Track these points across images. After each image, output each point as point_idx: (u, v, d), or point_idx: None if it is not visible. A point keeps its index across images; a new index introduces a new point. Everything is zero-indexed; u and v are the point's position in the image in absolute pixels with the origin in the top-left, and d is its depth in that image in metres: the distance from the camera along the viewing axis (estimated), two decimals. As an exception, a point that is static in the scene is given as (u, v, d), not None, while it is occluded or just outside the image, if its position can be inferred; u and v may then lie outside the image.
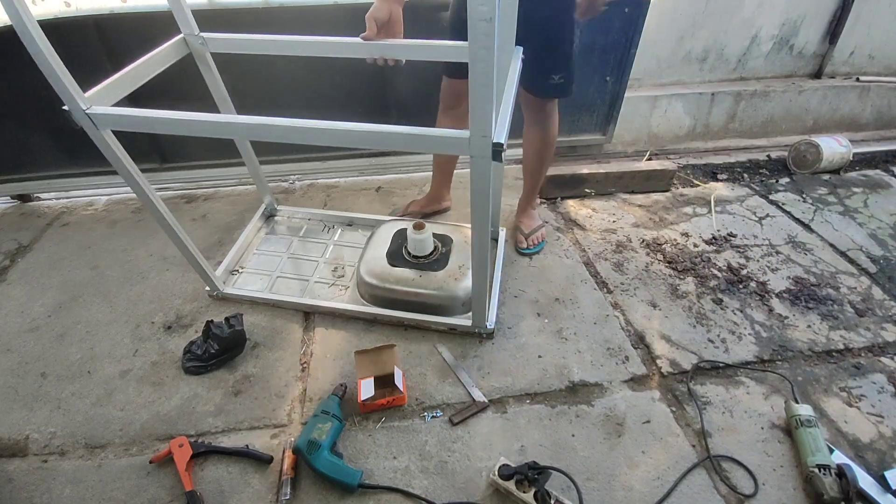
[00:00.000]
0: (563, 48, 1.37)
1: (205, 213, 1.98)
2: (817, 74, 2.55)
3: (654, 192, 2.15)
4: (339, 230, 1.82)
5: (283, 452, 1.12)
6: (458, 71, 1.49)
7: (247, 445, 1.14)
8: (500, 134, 0.91)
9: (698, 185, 2.21)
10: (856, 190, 2.19)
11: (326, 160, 2.17)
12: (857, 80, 2.56)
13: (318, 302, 1.49)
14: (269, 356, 1.38)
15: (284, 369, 1.34)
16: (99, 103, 1.05)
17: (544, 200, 2.08)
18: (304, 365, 1.36)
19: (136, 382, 1.31)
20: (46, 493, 1.07)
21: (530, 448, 1.16)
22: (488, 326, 1.39)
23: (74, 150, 1.99)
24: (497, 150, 0.91)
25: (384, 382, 1.23)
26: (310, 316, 1.50)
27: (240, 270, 1.64)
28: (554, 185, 2.08)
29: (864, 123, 2.66)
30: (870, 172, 2.34)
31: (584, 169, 2.10)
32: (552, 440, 1.18)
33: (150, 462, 1.11)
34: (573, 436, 1.19)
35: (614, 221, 1.95)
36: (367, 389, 1.20)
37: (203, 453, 1.12)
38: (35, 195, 2.14)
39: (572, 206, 2.05)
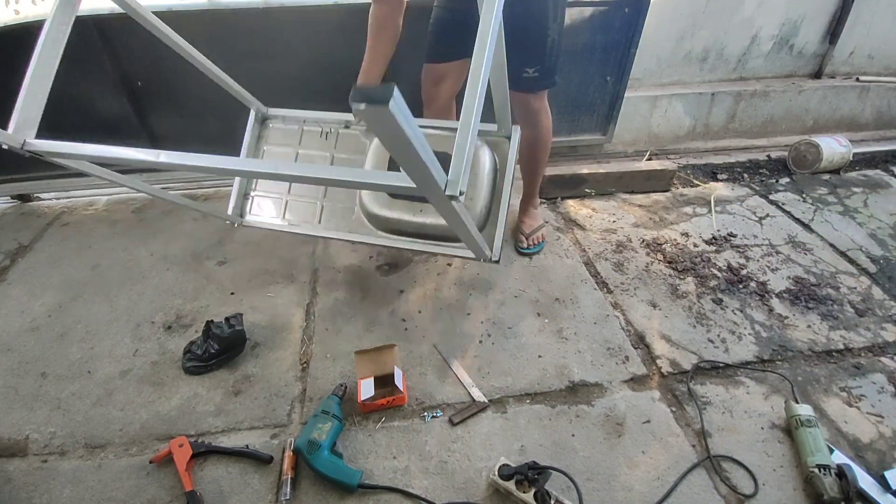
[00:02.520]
0: (536, 40, 1.35)
1: (205, 213, 1.97)
2: (817, 74, 2.55)
3: (654, 192, 2.15)
4: (338, 134, 1.64)
5: (283, 452, 1.12)
6: (440, 54, 1.49)
7: (247, 445, 1.14)
8: (456, 183, 0.74)
9: (698, 185, 2.21)
10: (856, 190, 2.19)
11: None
12: (857, 80, 2.57)
13: (333, 234, 1.49)
14: (269, 356, 1.38)
15: (284, 369, 1.34)
16: (32, 126, 0.93)
17: (544, 200, 2.08)
18: (304, 365, 1.36)
19: (136, 382, 1.31)
20: (46, 494, 1.07)
21: (530, 448, 1.16)
22: (493, 258, 1.31)
23: (74, 150, 1.99)
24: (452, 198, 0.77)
25: (384, 382, 1.23)
26: (310, 315, 1.50)
27: (251, 195, 1.61)
28: (554, 185, 2.08)
29: (864, 123, 2.66)
30: (870, 172, 2.34)
31: (584, 169, 2.10)
32: (552, 440, 1.18)
33: (150, 462, 1.11)
34: (573, 436, 1.19)
35: (614, 221, 1.95)
36: (367, 389, 1.20)
37: (203, 453, 1.12)
38: (35, 195, 2.14)
39: (572, 206, 2.05)
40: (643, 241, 1.84)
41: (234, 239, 1.85)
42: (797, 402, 1.21)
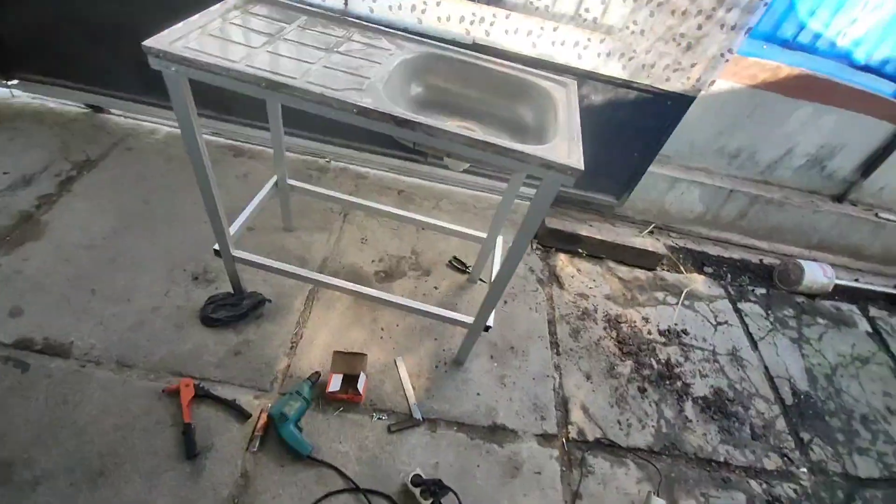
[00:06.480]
0: None
1: (246, 173, 2.23)
2: (839, 198, 2.62)
3: (640, 267, 2.35)
4: None
5: (260, 413, 1.46)
6: None
7: (235, 399, 1.48)
8: None
9: (681, 273, 2.40)
10: (820, 321, 2.37)
11: (363, 151, 2.38)
12: (877, 215, 2.64)
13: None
14: (268, 328, 1.69)
15: (277, 344, 1.66)
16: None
17: (539, 247, 2.29)
18: (293, 345, 1.67)
19: (162, 320, 1.64)
20: (79, 392, 1.41)
21: (443, 467, 1.49)
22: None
23: (151, 84, 2.20)
24: None
25: (350, 380, 1.55)
26: (309, 302, 1.80)
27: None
28: (553, 238, 2.29)
29: (868, 255, 2.77)
30: (844, 306, 2.50)
31: (584, 231, 2.30)
32: (461, 465, 1.50)
33: (163, 391, 1.46)
34: (478, 466, 1.51)
35: (591, 288, 2.18)
36: (335, 383, 1.52)
37: (202, 396, 1.47)
38: (107, 109, 2.38)
39: (561, 261, 2.27)
40: (607, 314, 2.07)
41: (266, 207, 2.11)
42: (657, 496, 1.51)
